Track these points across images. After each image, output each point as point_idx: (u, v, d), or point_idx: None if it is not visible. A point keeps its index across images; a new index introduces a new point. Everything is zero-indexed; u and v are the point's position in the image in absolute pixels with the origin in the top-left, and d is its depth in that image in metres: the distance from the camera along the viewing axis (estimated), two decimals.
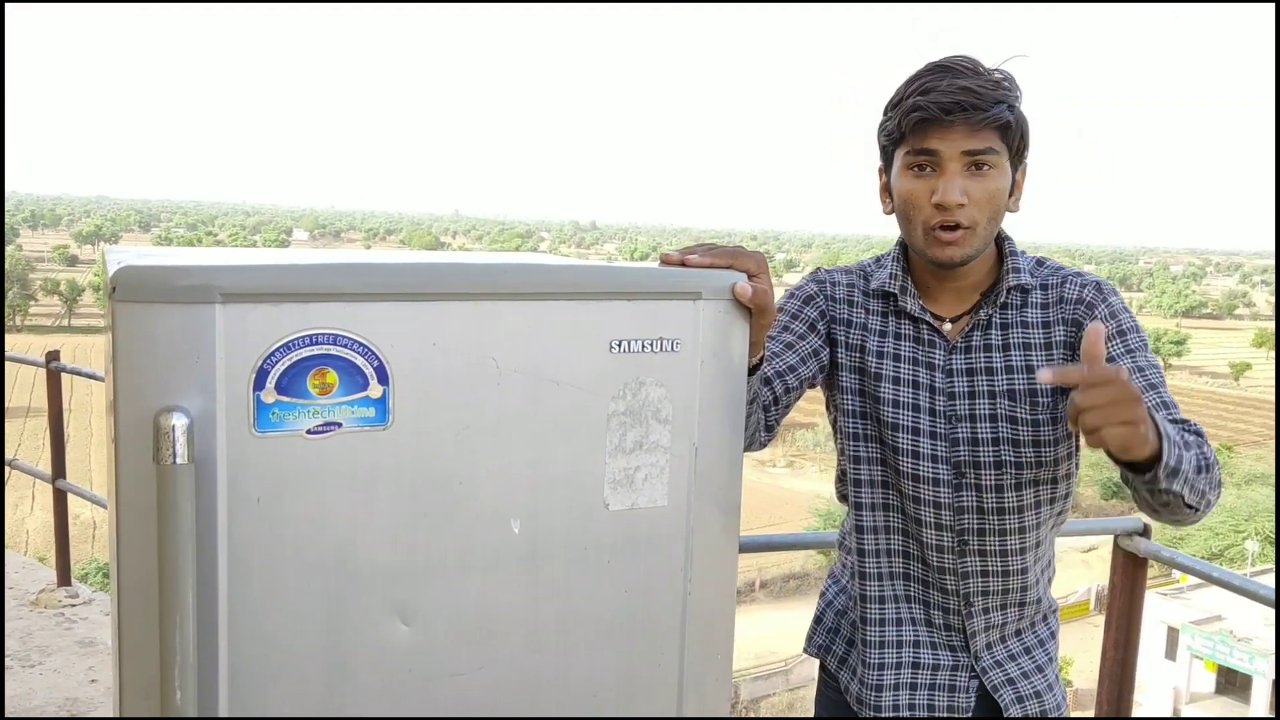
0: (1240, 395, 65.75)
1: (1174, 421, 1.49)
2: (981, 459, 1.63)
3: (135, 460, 1.05)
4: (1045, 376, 1.27)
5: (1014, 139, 1.56)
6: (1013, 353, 1.63)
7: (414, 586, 1.19)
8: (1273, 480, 38.11)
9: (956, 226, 1.54)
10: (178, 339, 1.05)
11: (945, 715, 1.69)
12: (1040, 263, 1.68)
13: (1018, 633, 1.72)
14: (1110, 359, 1.56)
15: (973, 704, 1.68)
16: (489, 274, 1.20)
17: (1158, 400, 1.52)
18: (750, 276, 1.34)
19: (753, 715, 25.63)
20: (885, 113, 1.61)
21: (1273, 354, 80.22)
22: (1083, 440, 1.28)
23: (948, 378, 1.65)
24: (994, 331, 1.64)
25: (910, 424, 1.66)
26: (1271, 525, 31.29)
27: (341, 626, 1.16)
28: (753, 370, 1.45)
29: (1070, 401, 1.24)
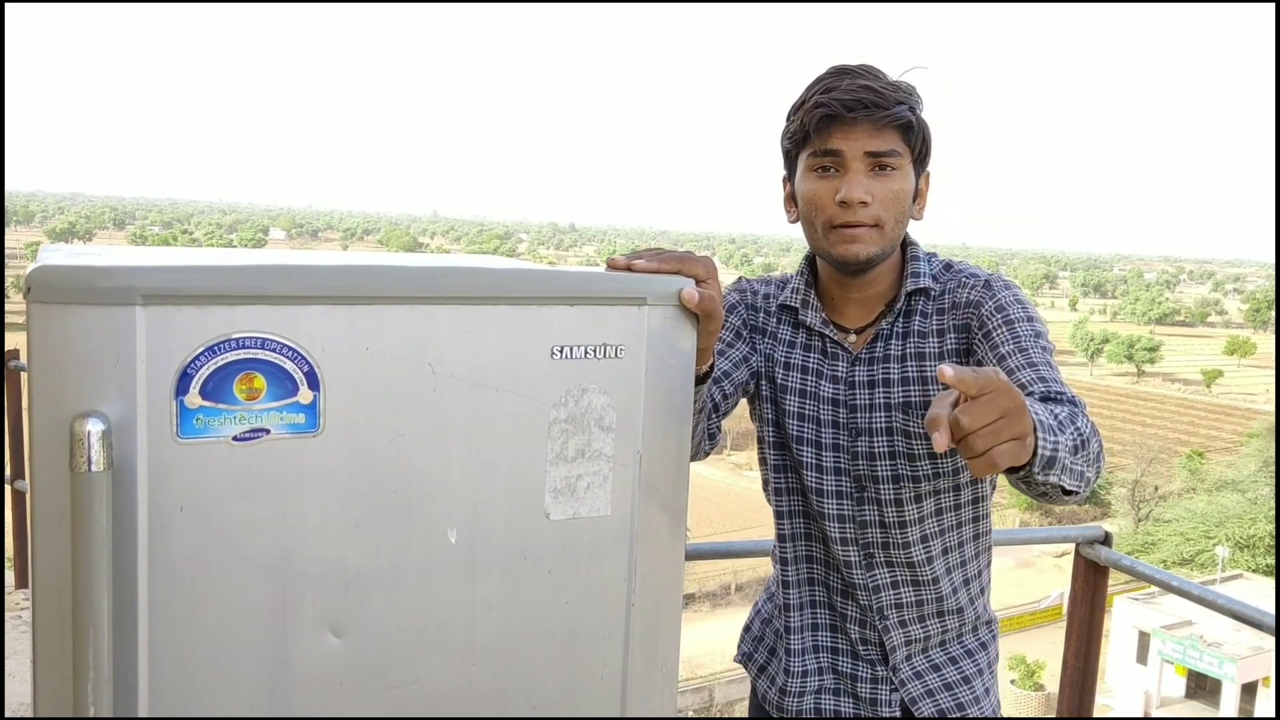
0: (1212, 402, 66.39)
1: (1049, 399, 1.40)
2: (880, 473, 1.62)
3: (51, 467, 1.01)
4: (946, 374, 1.09)
5: (916, 142, 1.56)
6: (909, 363, 1.61)
7: (347, 598, 1.15)
8: (1241, 487, 38.49)
9: (859, 225, 1.53)
10: (95, 342, 1.01)
11: None
12: (949, 266, 1.65)
13: (942, 644, 1.69)
14: (992, 347, 1.51)
15: (897, 715, 1.66)
16: (425, 277, 1.17)
17: (1034, 376, 1.44)
18: (698, 282, 1.31)
19: (725, 716, 25.64)
20: (788, 117, 1.61)
21: (1243, 362, 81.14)
22: (966, 463, 1.13)
23: (849, 390, 1.63)
24: (894, 341, 1.62)
25: (813, 437, 1.65)
26: (1241, 531, 31.59)
27: (270, 639, 1.12)
28: (702, 379, 1.42)
29: (941, 420, 1.09)
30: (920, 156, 1.58)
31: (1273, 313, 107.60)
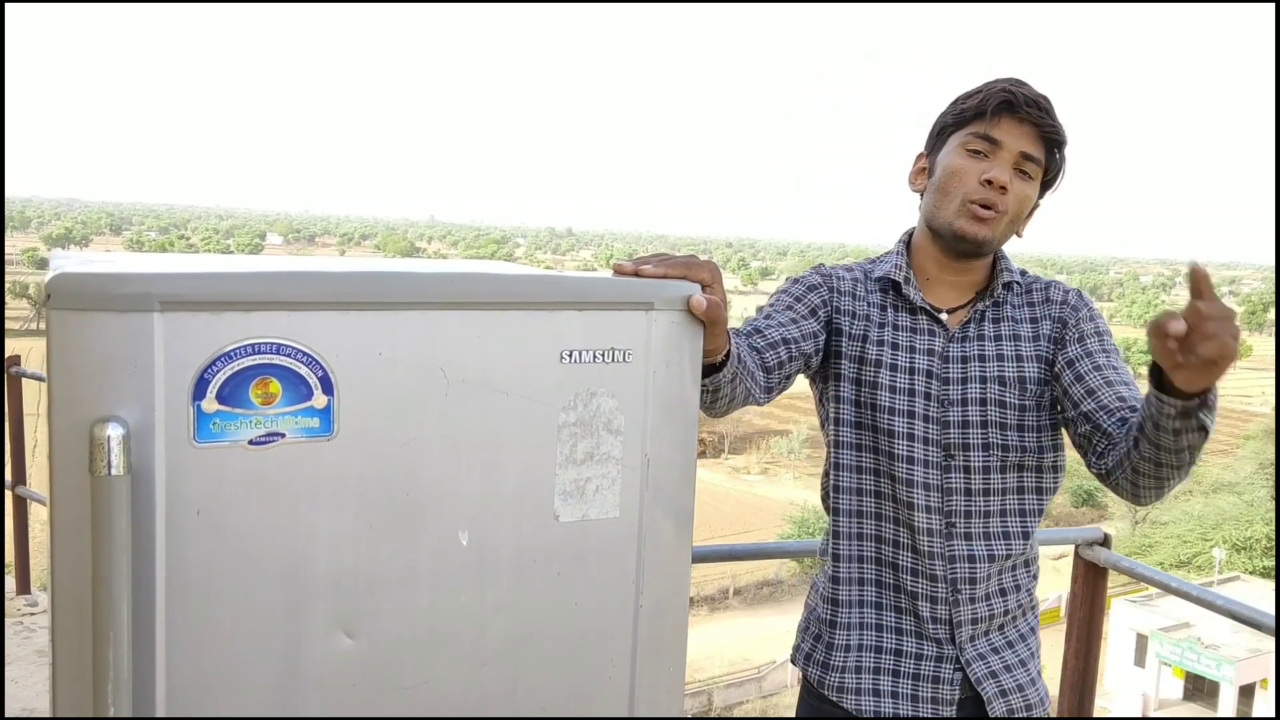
0: None
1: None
2: (971, 440, 1.70)
3: (70, 471, 1.03)
4: (1173, 328, 1.25)
5: (1054, 165, 1.72)
6: (1004, 343, 1.74)
7: (359, 599, 1.17)
8: (1238, 489, 38.55)
9: (993, 207, 1.66)
10: (115, 348, 1.03)
11: (930, 704, 1.71)
12: (1024, 272, 1.82)
13: (1001, 627, 1.75)
14: (1088, 354, 1.69)
15: (957, 695, 1.71)
16: (437, 283, 1.19)
17: (1130, 394, 1.63)
18: (704, 288, 1.34)
19: (735, 715, 25.63)
20: (958, 100, 1.73)
21: (1239, 364, 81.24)
22: (1200, 350, 1.26)
23: (944, 364, 1.73)
24: (987, 324, 1.75)
25: (905, 408, 1.72)
26: (1238, 533, 31.64)
27: (285, 640, 1.14)
28: (715, 369, 1.44)
29: (1176, 314, 1.25)
30: (1049, 179, 1.74)
31: (1269, 315, 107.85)
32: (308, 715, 1.16)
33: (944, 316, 1.75)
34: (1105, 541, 2.56)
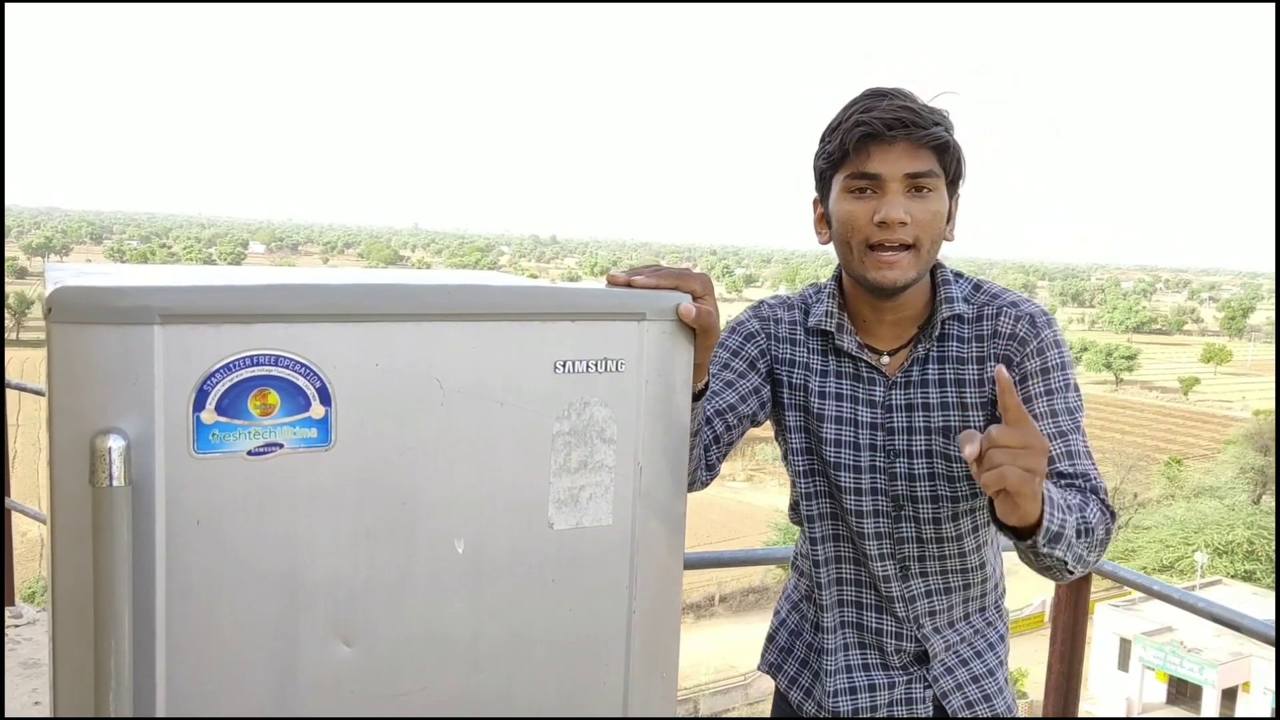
0: (1189, 409, 66.98)
1: (1068, 478, 1.52)
2: (919, 493, 1.66)
3: (71, 482, 1.04)
4: (967, 452, 1.26)
5: (951, 164, 1.58)
6: (948, 389, 1.64)
7: (357, 607, 1.19)
8: (1219, 494, 38.82)
9: (899, 247, 1.55)
10: (115, 360, 1.04)
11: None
12: (978, 287, 1.68)
13: (969, 641, 1.76)
14: (1026, 399, 1.57)
15: (930, 711, 1.72)
16: (432, 295, 1.21)
17: (1064, 450, 1.54)
18: (695, 298, 1.35)
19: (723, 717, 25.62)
20: (823, 138, 1.62)
21: (1219, 369, 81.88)
22: (980, 479, 1.27)
23: (887, 414, 1.66)
24: (931, 365, 1.65)
25: (851, 462, 1.68)
26: (1219, 537, 31.87)
27: (283, 648, 1.15)
28: (698, 396, 1.46)
29: (975, 435, 1.26)
30: (954, 179, 1.60)
31: (1249, 320, 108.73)
32: None
33: (885, 360, 1.66)
34: None
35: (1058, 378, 1.58)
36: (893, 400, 1.66)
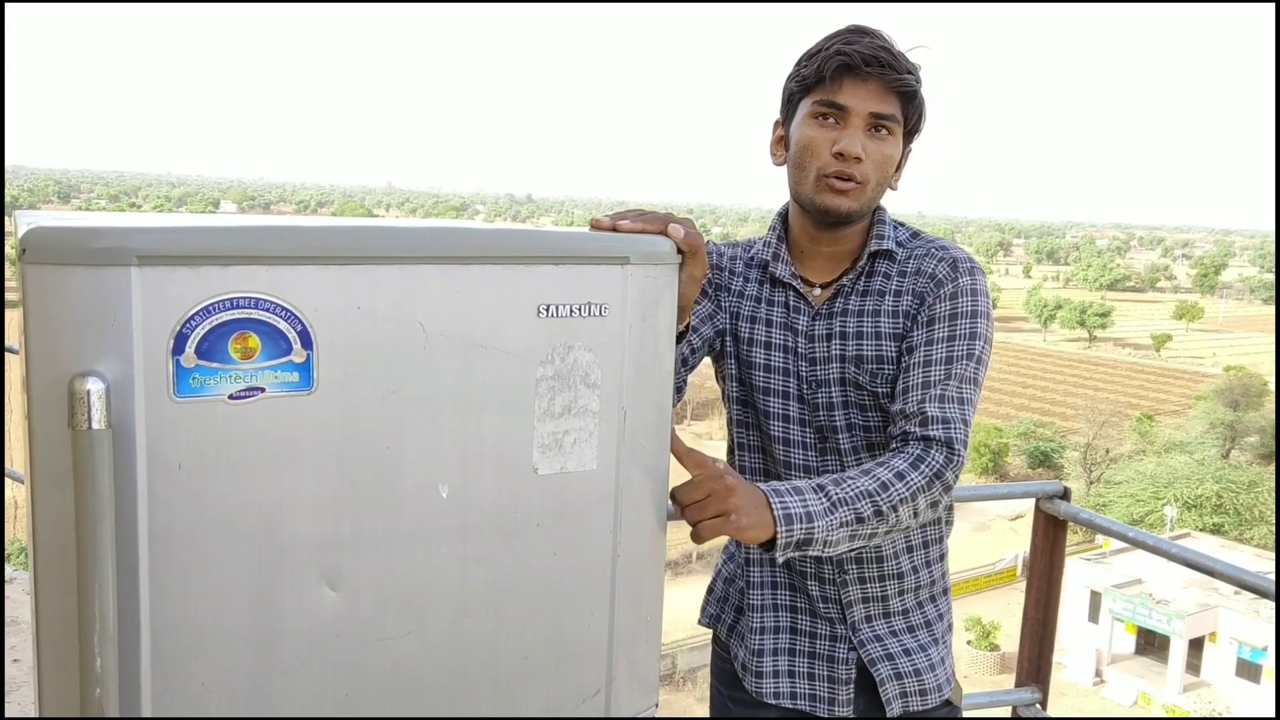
0: (1161, 366, 67.69)
1: (915, 437, 1.52)
2: (837, 423, 1.68)
3: (50, 427, 1.03)
4: (677, 447, 1.42)
5: (913, 115, 1.63)
6: (865, 319, 1.66)
7: (341, 552, 1.18)
8: (1189, 449, 39.39)
9: (851, 179, 1.58)
10: (92, 302, 1.02)
11: (826, 682, 1.72)
12: (916, 234, 1.72)
13: (903, 611, 1.74)
14: (923, 341, 1.59)
15: (853, 675, 1.72)
16: (415, 238, 1.19)
17: (916, 401, 1.55)
18: None
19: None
20: (800, 62, 1.64)
21: (1191, 326, 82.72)
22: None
23: (809, 342, 1.69)
24: (854, 298, 1.68)
25: (780, 388, 1.70)
26: (1189, 491, 32.39)
27: (268, 593, 1.15)
28: (680, 337, 1.47)
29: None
30: (911, 130, 1.65)
31: (1220, 277, 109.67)
32: (290, 665, 1.17)
33: (815, 292, 1.70)
34: (1065, 495, 2.62)
35: (962, 325, 1.59)
36: (815, 330, 1.69)
